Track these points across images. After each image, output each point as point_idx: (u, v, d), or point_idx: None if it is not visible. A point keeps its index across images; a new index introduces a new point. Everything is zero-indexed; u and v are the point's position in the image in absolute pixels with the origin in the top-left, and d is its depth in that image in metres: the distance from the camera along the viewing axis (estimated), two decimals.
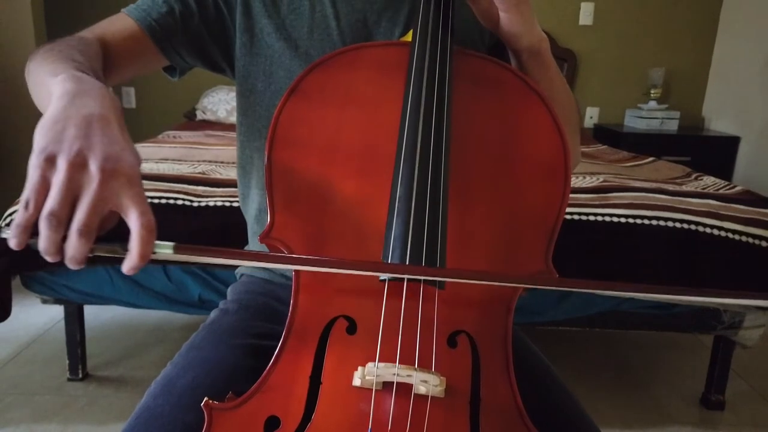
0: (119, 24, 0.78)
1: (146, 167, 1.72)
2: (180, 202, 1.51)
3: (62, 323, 1.74)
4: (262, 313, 0.80)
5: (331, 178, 0.61)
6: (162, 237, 0.47)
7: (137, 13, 0.78)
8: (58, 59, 0.61)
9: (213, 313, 0.82)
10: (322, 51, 0.79)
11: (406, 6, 0.82)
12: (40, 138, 0.46)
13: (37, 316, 2.12)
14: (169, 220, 1.48)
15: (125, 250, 0.47)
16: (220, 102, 3.16)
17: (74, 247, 0.45)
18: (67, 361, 1.77)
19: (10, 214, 1.50)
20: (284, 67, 0.81)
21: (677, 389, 1.87)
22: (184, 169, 1.76)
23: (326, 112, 0.64)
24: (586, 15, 3.39)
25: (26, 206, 0.45)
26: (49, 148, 0.46)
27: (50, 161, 0.45)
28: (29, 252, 0.48)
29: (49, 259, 0.46)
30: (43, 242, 0.45)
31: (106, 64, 0.71)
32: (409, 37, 0.70)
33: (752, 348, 1.66)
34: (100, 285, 1.58)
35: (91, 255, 0.47)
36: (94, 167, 0.46)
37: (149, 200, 1.84)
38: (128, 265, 0.47)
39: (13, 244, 0.45)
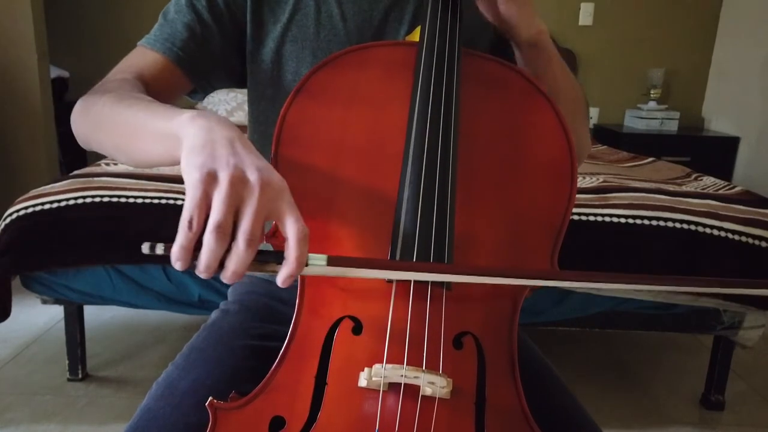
0: (148, 59, 0.76)
1: None
2: (180, 203, 1.50)
3: (62, 323, 1.74)
4: (263, 314, 0.80)
5: (338, 177, 0.61)
6: (162, 237, 0.47)
7: (161, 45, 0.76)
8: (142, 102, 0.61)
9: (214, 314, 0.82)
10: (329, 52, 0.78)
11: (412, 5, 0.82)
12: (195, 158, 0.48)
13: (37, 316, 2.12)
14: (168, 220, 1.47)
15: (278, 262, 0.48)
16: (220, 102, 3.15)
17: (240, 257, 0.46)
18: (67, 361, 1.76)
19: (10, 214, 1.49)
20: (292, 70, 0.81)
21: (677, 389, 1.87)
22: None
23: (333, 111, 0.64)
24: (586, 15, 3.39)
25: (189, 225, 0.45)
26: (208, 165, 0.47)
27: (211, 176, 0.46)
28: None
29: (205, 276, 0.46)
30: (207, 258, 0.45)
31: None
32: (414, 36, 0.69)
33: (752, 348, 1.66)
34: (100, 285, 1.57)
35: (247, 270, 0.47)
36: (253, 178, 0.47)
37: (148, 200, 1.82)
38: (285, 273, 0.48)
39: (179, 266, 0.46)
